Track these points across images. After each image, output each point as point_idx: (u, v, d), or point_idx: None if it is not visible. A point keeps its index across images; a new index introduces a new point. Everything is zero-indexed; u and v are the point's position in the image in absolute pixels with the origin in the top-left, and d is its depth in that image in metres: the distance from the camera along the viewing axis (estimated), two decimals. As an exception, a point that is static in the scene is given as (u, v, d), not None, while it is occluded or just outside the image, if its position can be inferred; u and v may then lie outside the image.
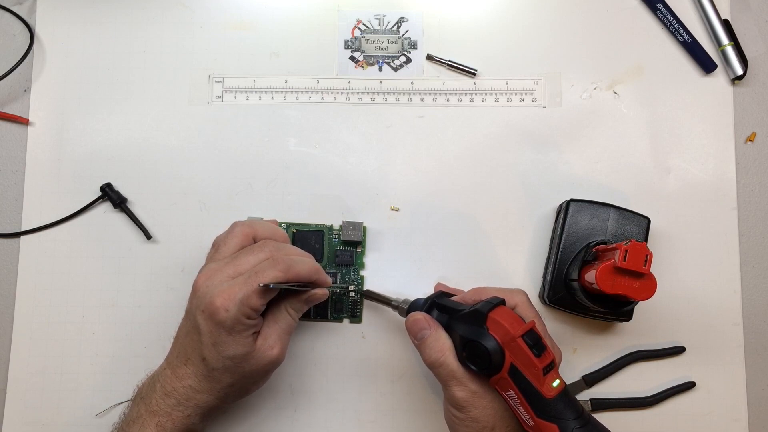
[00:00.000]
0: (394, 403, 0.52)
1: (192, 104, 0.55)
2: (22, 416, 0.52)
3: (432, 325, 0.44)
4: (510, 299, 0.44)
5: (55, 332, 0.53)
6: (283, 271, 0.42)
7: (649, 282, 0.42)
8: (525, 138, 0.54)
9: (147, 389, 0.44)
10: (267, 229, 0.46)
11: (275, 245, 0.44)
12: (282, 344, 0.44)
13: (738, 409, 0.52)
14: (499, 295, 0.44)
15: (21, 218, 0.54)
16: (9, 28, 0.56)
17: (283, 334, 0.44)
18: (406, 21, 0.56)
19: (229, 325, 0.41)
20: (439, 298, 0.46)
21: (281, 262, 0.42)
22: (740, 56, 0.54)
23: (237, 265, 0.43)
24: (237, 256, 0.44)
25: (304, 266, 0.43)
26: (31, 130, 0.55)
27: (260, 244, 0.44)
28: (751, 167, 0.54)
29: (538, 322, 0.43)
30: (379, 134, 0.55)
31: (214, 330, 0.41)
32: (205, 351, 0.42)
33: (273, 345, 0.43)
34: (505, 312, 0.41)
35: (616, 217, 0.49)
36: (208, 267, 0.44)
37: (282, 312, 0.44)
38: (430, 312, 0.45)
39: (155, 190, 0.54)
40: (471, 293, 0.46)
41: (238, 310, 0.40)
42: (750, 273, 0.53)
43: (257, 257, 0.43)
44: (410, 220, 0.54)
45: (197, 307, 0.42)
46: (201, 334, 0.42)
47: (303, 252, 0.46)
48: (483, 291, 0.45)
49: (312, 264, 0.44)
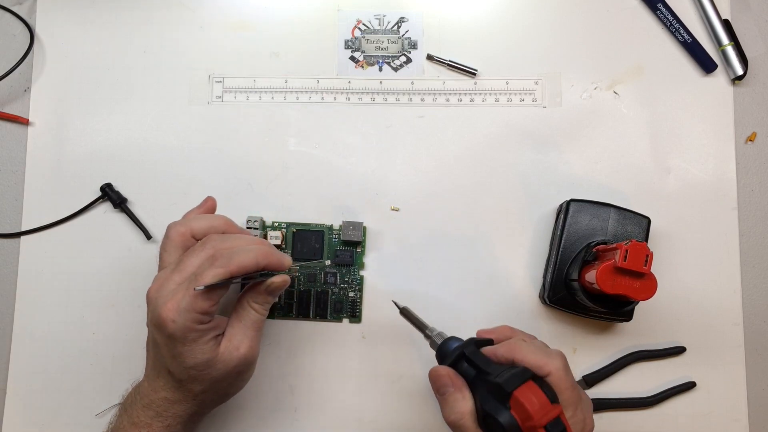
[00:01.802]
0: (394, 403, 0.52)
1: (192, 104, 0.55)
2: (22, 416, 0.52)
3: (455, 383, 0.40)
4: (545, 365, 0.38)
5: (55, 332, 0.53)
6: (223, 267, 0.38)
7: (649, 282, 0.42)
8: (525, 138, 0.54)
9: (130, 400, 0.43)
10: (203, 222, 0.43)
11: (218, 239, 0.41)
12: (249, 342, 0.41)
13: (738, 409, 0.52)
14: (535, 355, 0.39)
15: (21, 218, 0.54)
16: (9, 28, 0.56)
17: (249, 331, 0.42)
18: (406, 21, 0.56)
19: (181, 336, 0.38)
20: (469, 348, 0.41)
21: (219, 257, 0.39)
22: (740, 56, 0.54)
23: (182, 269, 0.40)
24: (182, 259, 0.41)
25: (248, 255, 0.39)
26: (31, 130, 0.55)
27: (202, 242, 0.41)
28: (752, 167, 0.54)
29: (571, 393, 0.38)
30: (379, 134, 0.55)
31: (168, 343, 0.39)
32: (168, 364, 0.40)
33: (239, 345, 0.41)
34: (533, 392, 0.36)
35: (617, 217, 0.49)
36: (157, 276, 0.41)
37: (245, 308, 0.42)
38: (458, 363, 0.41)
39: (155, 190, 0.54)
40: (504, 348, 0.41)
41: (186, 318, 0.38)
42: (750, 273, 0.53)
43: (199, 257, 0.40)
44: (410, 220, 0.54)
45: (150, 321, 0.40)
46: (160, 347, 0.40)
47: (251, 239, 0.42)
48: (516, 348, 0.40)
49: (257, 251, 0.40)
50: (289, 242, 0.53)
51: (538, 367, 0.38)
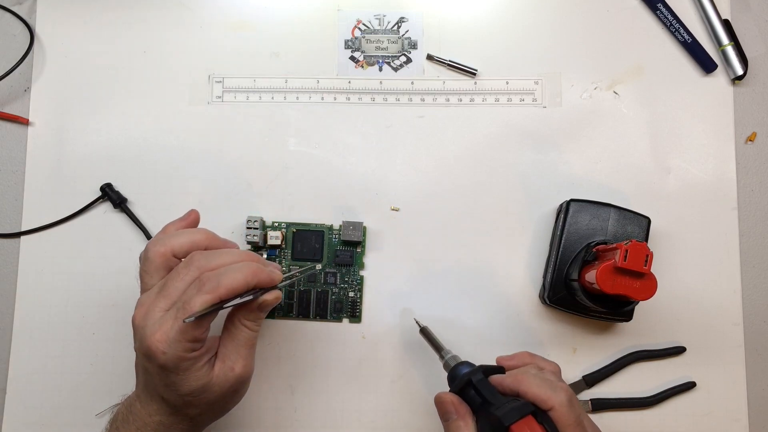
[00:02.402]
0: (394, 403, 0.52)
1: (192, 104, 0.55)
2: (22, 416, 0.52)
3: (459, 411, 0.40)
4: (548, 399, 0.38)
5: (55, 332, 0.53)
6: (212, 292, 0.36)
7: (649, 282, 0.42)
8: (525, 138, 0.54)
9: (121, 418, 0.41)
10: (184, 239, 0.40)
11: (202, 258, 0.38)
12: (243, 360, 0.40)
13: (738, 409, 0.52)
14: (540, 388, 0.38)
15: (21, 218, 0.54)
16: (9, 28, 0.56)
17: (242, 349, 0.40)
18: (406, 21, 0.56)
19: (173, 366, 0.37)
20: (477, 376, 0.41)
21: (207, 281, 0.36)
22: (740, 56, 0.54)
23: (167, 294, 0.37)
24: (165, 282, 0.38)
25: (236, 276, 0.37)
26: (31, 130, 0.55)
27: (186, 262, 0.38)
28: (752, 167, 0.54)
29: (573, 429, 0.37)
30: (379, 134, 0.55)
31: (160, 372, 0.37)
32: (161, 391, 0.39)
33: (233, 365, 0.39)
34: (530, 427, 0.36)
35: (617, 217, 0.49)
36: (141, 301, 0.39)
37: (237, 326, 0.40)
38: (465, 390, 0.41)
39: (155, 190, 0.54)
40: (510, 379, 0.40)
41: (176, 349, 0.36)
42: (750, 273, 0.53)
43: (185, 281, 0.37)
44: (410, 220, 0.54)
45: (139, 349, 0.38)
46: (152, 376, 0.38)
47: (237, 253, 0.40)
48: (522, 380, 0.39)
49: (246, 270, 0.37)
50: (289, 242, 0.53)
51: (541, 401, 0.38)
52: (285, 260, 0.53)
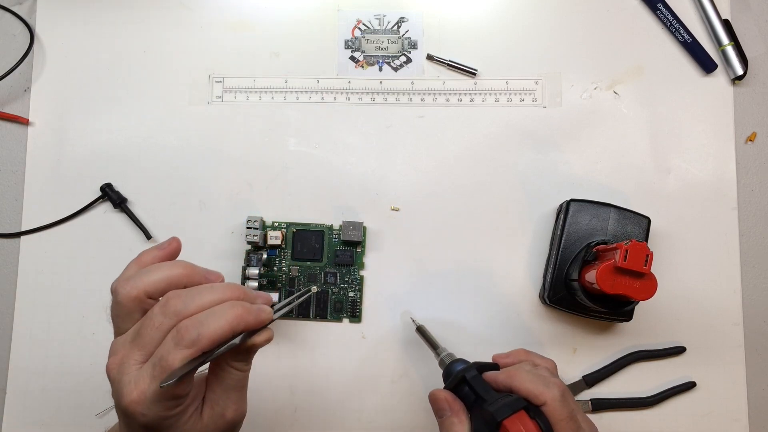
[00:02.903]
0: (394, 403, 0.52)
1: (192, 104, 0.55)
2: (22, 416, 0.52)
3: (452, 407, 0.40)
4: (540, 395, 0.38)
5: (55, 332, 0.53)
6: (192, 346, 0.31)
7: (649, 282, 0.42)
8: (525, 138, 0.54)
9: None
10: (158, 277, 0.34)
11: (179, 302, 0.33)
12: (235, 405, 0.35)
13: (738, 409, 0.52)
14: (532, 384, 0.38)
15: (21, 218, 0.54)
16: (9, 28, 0.56)
17: (232, 393, 0.35)
18: (406, 21, 0.56)
19: (156, 425, 0.33)
20: (470, 373, 0.41)
21: (185, 332, 0.31)
22: (740, 56, 0.54)
23: (142, 345, 0.32)
24: (139, 329, 0.33)
25: (218, 324, 0.31)
26: (31, 130, 0.55)
27: (161, 306, 0.33)
28: (751, 167, 0.54)
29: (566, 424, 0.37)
30: (379, 134, 0.55)
31: (145, 430, 0.33)
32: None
33: (224, 411, 0.35)
34: (523, 422, 0.36)
35: (617, 217, 0.49)
36: (114, 347, 0.34)
37: (224, 369, 0.35)
38: (459, 386, 0.41)
39: (155, 190, 0.54)
40: (504, 375, 0.40)
41: (157, 409, 0.32)
42: (750, 273, 0.53)
43: (160, 331, 0.32)
44: (410, 220, 0.54)
45: (117, 406, 0.33)
46: (137, 431, 0.34)
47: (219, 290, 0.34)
48: (515, 376, 0.39)
49: (230, 315, 0.32)
50: (289, 242, 0.53)
51: (534, 396, 0.38)
52: (285, 260, 0.53)
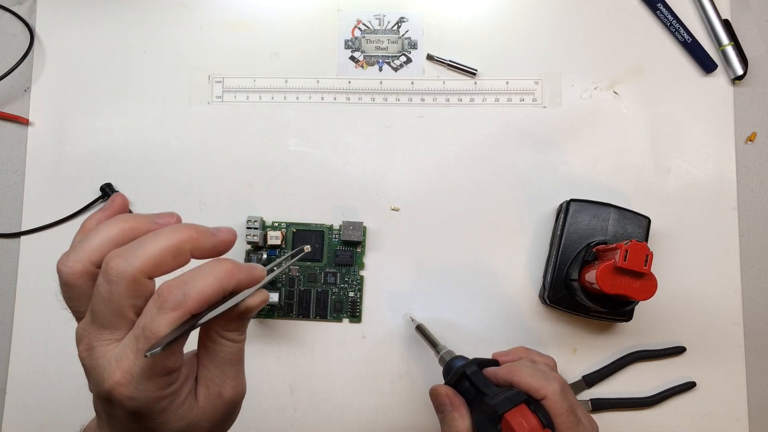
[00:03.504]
0: (394, 403, 0.52)
1: (192, 104, 0.55)
2: (22, 416, 0.52)
3: (453, 402, 0.40)
4: (540, 389, 0.38)
5: (55, 332, 0.53)
6: (178, 308, 0.26)
7: (649, 282, 0.42)
8: (525, 138, 0.54)
9: None
10: (97, 241, 0.29)
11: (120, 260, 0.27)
12: (233, 381, 0.31)
13: (738, 409, 0.52)
14: (532, 378, 0.39)
15: (21, 218, 0.54)
16: (9, 28, 0.56)
17: (228, 369, 0.31)
18: (406, 21, 0.56)
19: (147, 411, 0.28)
20: (471, 368, 0.42)
21: (169, 294, 0.27)
22: (740, 56, 0.54)
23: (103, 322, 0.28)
24: (92, 307, 0.28)
25: (206, 281, 0.27)
26: (31, 130, 0.55)
27: (102, 272, 0.28)
28: (751, 167, 0.54)
29: (566, 418, 0.37)
30: (379, 134, 0.55)
31: (131, 420, 0.29)
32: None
33: (220, 389, 0.31)
34: (524, 415, 0.37)
35: (617, 217, 0.49)
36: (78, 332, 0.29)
37: (216, 342, 0.30)
38: (460, 382, 0.42)
39: (155, 190, 0.54)
40: (504, 370, 0.41)
41: (147, 389, 0.27)
42: (750, 273, 0.53)
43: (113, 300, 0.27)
44: (410, 220, 0.54)
45: (97, 395, 0.29)
46: (121, 423, 0.29)
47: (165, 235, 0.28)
48: (515, 370, 0.40)
49: (219, 271, 0.28)
50: (289, 242, 0.53)
51: (534, 390, 0.38)
52: (285, 261, 0.53)
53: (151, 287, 0.28)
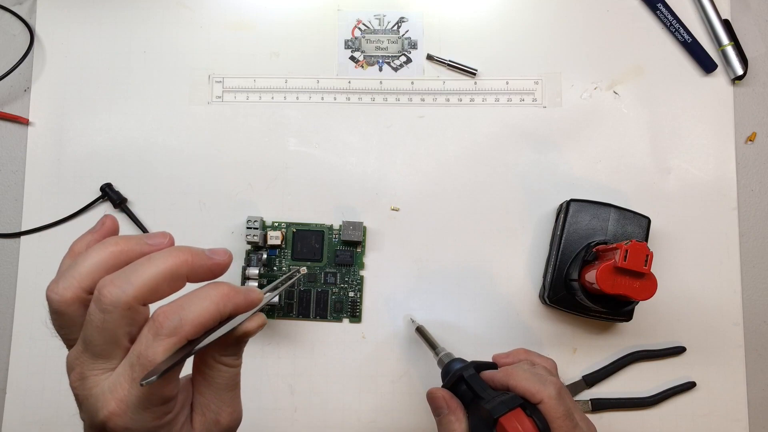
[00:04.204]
0: (394, 403, 0.52)
1: (192, 104, 0.55)
2: (22, 416, 0.52)
3: (450, 406, 0.40)
4: (537, 393, 0.38)
5: (55, 332, 0.53)
6: (172, 334, 0.26)
7: (649, 282, 0.42)
8: (525, 138, 0.54)
9: None
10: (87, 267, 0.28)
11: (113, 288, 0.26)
12: (230, 407, 0.30)
13: (738, 409, 0.52)
14: (529, 382, 0.38)
15: (21, 218, 0.54)
16: (9, 28, 0.56)
17: (225, 395, 0.30)
18: (406, 21, 0.56)
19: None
20: (468, 371, 0.42)
21: (164, 320, 0.26)
22: (740, 56, 0.54)
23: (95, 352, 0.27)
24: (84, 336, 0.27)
25: (202, 305, 0.27)
26: (31, 130, 0.55)
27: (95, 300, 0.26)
28: (752, 167, 0.54)
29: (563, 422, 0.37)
30: (379, 134, 0.55)
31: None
32: None
33: (217, 417, 0.30)
34: (519, 420, 0.37)
35: (617, 217, 0.49)
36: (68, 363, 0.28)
37: (212, 367, 0.30)
38: (457, 385, 0.42)
39: (155, 190, 0.54)
40: (501, 373, 0.40)
41: (143, 418, 0.27)
42: (750, 273, 0.53)
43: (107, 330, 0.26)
44: (410, 220, 0.54)
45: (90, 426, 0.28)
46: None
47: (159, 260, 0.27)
48: (512, 374, 0.40)
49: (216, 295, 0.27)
50: (289, 242, 0.53)
51: (531, 394, 0.38)
52: (285, 260, 0.53)
53: (146, 313, 0.27)
